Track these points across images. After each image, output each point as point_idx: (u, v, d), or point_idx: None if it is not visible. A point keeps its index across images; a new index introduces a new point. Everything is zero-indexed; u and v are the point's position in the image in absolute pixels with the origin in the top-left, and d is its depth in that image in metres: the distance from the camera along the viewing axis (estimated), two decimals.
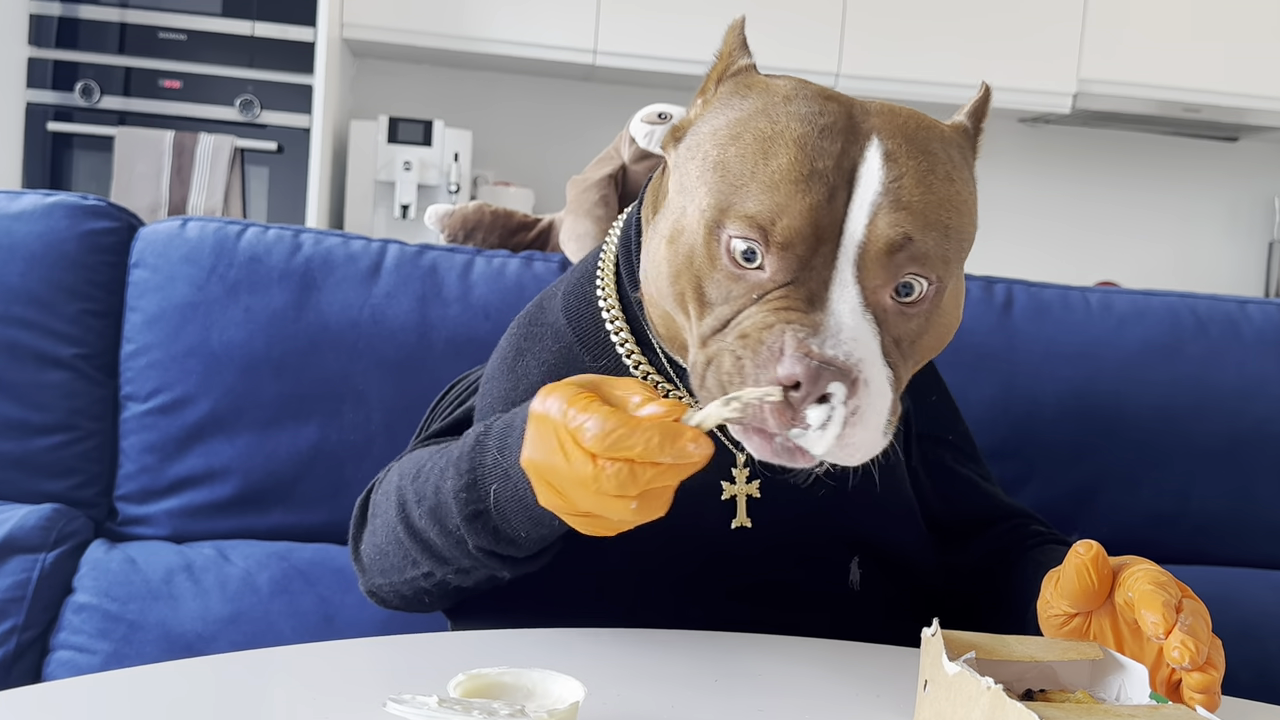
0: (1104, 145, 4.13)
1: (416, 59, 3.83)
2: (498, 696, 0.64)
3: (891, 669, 0.80)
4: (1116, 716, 0.59)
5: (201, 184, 3.25)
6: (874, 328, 0.74)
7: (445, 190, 3.51)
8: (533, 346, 0.94)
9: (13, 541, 1.25)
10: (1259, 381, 1.42)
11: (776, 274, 0.74)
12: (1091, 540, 0.75)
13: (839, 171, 0.75)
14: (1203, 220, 4.18)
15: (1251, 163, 4.18)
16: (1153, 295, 1.47)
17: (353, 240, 1.40)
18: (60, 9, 3.26)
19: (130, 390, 1.35)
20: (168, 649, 1.22)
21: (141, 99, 3.30)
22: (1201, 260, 4.17)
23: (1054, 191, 4.12)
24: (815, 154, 0.75)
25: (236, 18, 3.31)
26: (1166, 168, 4.16)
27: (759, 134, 0.77)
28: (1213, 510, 1.41)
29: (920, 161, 0.76)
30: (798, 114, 0.77)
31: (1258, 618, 1.31)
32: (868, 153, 0.76)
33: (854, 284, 0.74)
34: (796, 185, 0.74)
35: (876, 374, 0.73)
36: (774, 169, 0.75)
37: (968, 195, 0.80)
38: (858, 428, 0.72)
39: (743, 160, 0.76)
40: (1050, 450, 1.39)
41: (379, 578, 0.94)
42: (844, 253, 0.74)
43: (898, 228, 0.74)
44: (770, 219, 0.74)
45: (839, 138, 0.76)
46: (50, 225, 1.34)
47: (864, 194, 0.74)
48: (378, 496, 0.95)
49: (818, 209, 0.74)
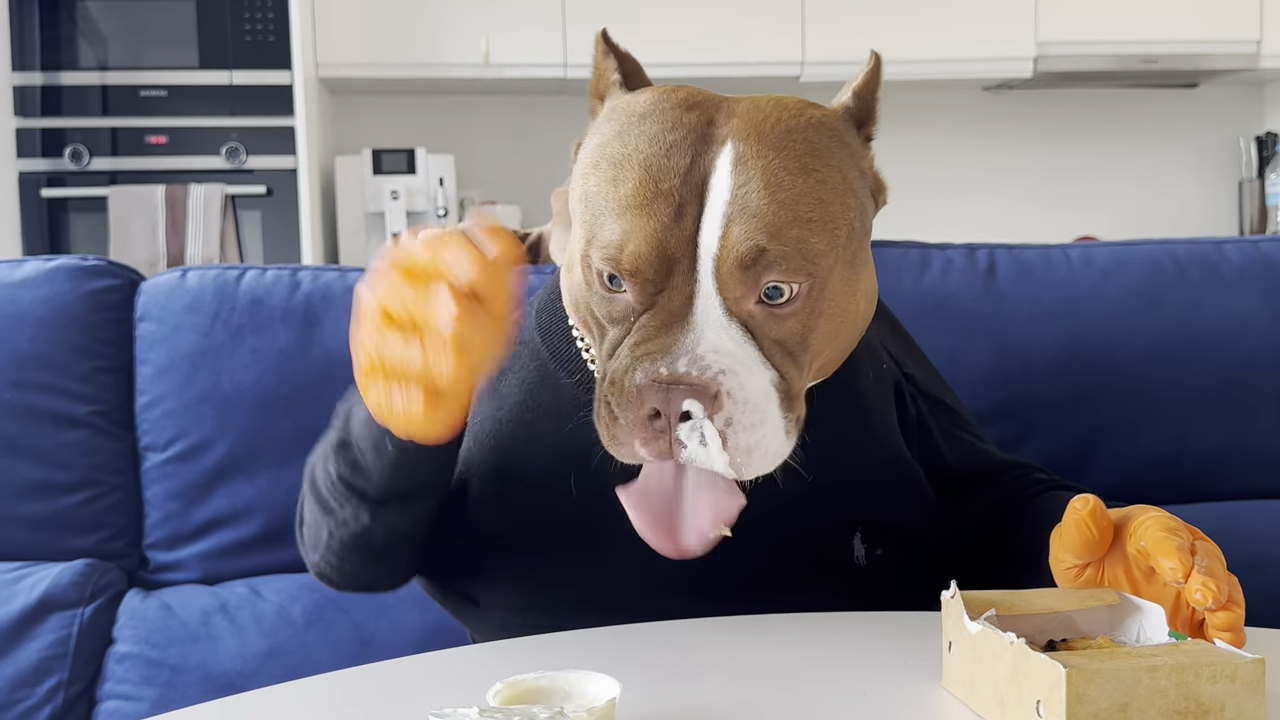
0: (1068, 104, 4.13)
1: (393, 91, 3.83)
2: (536, 701, 0.65)
3: (914, 634, 0.80)
4: (1139, 657, 0.59)
5: (196, 234, 3.25)
6: (743, 335, 0.74)
7: (434, 215, 3.51)
8: (512, 365, 0.94)
9: (50, 600, 1.25)
10: (1243, 319, 1.41)
11: (637, 298, 0.75)
12: (1088, 494, 0.75)
13: (688, 187, 0.74)
14: (1171, 167, 4.18)
15: (1213, 107, 4.18)
16: (1132, 245, 1.47)
17: (349, 273, 1.40)
18: (43, 78, 3.26)
19: (148, 441, 1.35)
20: (210, 689, 1.22)
21: (130, 157, 3.30)
22: (1174, 206, 4.17)
23: (1025, 155, 4.13)
24: (660, 174, 0.75)
25: (214, 69, 3.31)
26: (1131, 120, 4.16)
27: (612, 160, 0.77)
28: (1210, 449, 1.41)
29: (772, 160, 0.75)
30: (648, 134, 0.77)
31: (1266, 548, 1.31)
32: (718, 161, 0.75)
33: (715, 295, 0.74)
34: (641, 209, 0.74)
35: (747, 381, 0.73)
36: (622, 195, 0.75)
37: (833, 179, 0.77)
38: (742, 434, 0.72)
39: (600, 189, 0.77)
40: (1047, 407, 1.39)
41: (313, 553, 0.95)
42: (702, 266, 0.74)
43: (748, 240, 0.73)
44: (619, 247, 0.74)
45: (689, 151, 0.75)
46: (54, 289, 1.34)
47: (714, 206, 0.74)
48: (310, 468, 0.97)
49: (662, 231, 0.74)
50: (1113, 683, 0.57)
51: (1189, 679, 0.58)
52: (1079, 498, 0.74)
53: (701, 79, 3.62)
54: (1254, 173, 4.07)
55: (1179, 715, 0.58)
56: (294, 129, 3.35)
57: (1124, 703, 0.57)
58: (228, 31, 3.31)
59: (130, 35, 3.30)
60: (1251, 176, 4.07)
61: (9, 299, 1.33)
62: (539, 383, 0.92)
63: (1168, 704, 0.58)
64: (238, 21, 3.31)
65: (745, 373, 0.73)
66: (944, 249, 1.45)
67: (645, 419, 0.71)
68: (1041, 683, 0.59)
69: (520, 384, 0.93)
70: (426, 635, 1.25)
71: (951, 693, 0.69)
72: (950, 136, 4.09)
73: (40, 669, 1.21)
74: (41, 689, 1.21)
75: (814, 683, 0.72)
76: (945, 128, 4.08)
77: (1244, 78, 4.02)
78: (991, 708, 0.64)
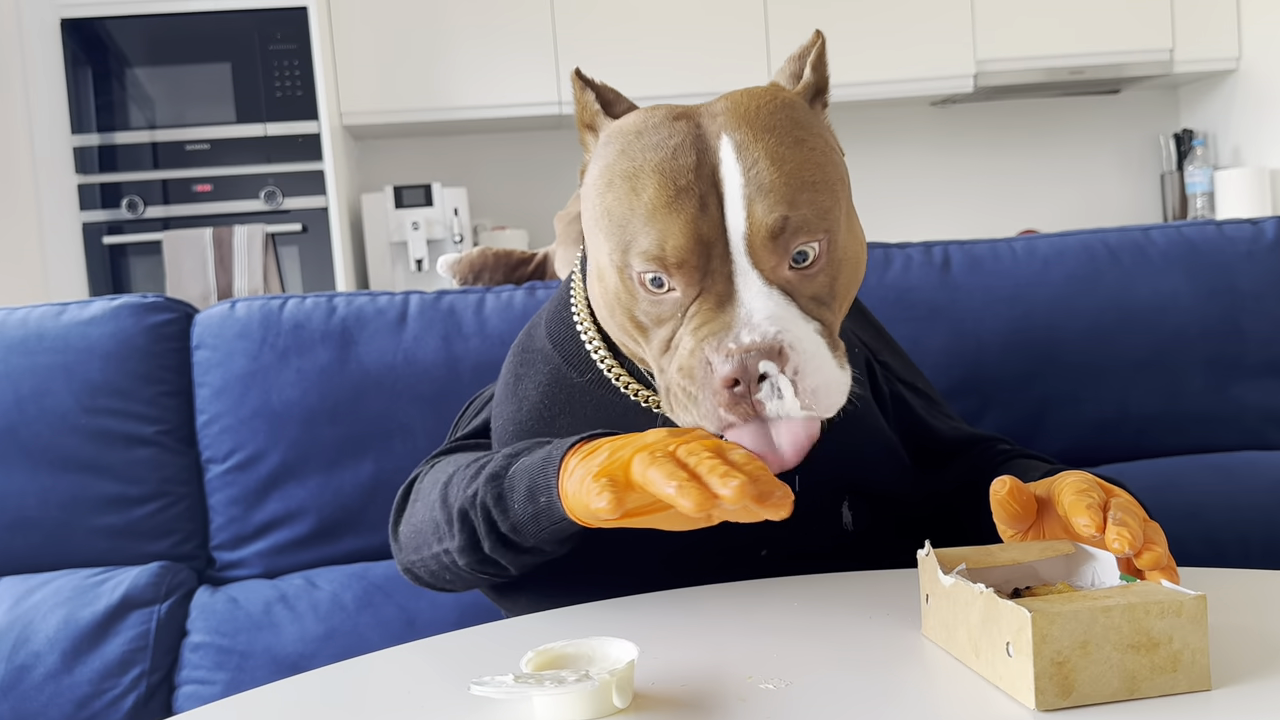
0: (1007, 114, 4.13)
1: (409, 134, 3.83)
2: (564, 666, 0.65)
3: (895, 590, 0.80)
4: (1095, 599, 0.59)
5: (242, 269, 3.25)
6: (785, 298, 0.74)
7: (451, 241, 3.51)
8: (528, 371, 0.94)
9: (130, 600, 1.25)
10: (1171, 295, 1.42)
11: (685, 289, 0.75)
12: (1005, 476, 0.74)
13: (702, 181, 0.74)
14: (1101, 164, 4.18)
15: (1135, 110, 4.18)
16: (1069, 235, 1.47)
17: (379, 296, 1.40)
18: (99, 139, 3.26)
19: (209, 454, 1.35)
20: (276, 671, 1.22)
21: (180, 204, 3.30)
22: (1105, 199, 4.17)
23: (970, 160, 4.13)
24: (675, 174, 0.75)
25: (250, 122, 3.31)
26: (1063, 124, 4.16)
27: (625, 174, 0.76)
28: (1148, 411, 1.41)
29: (768, 140, 0.75)
30: (650, 144, 0.76)
31: (1201, 497, 1.31)
32: (721, 153, 0.75)
33: (752, 270, 0.74)
34: (669, 208, 0.74)
35: (801, 333, 0.73)
36: (646, 201, 0.75)
37: (819, 144, 0.78)
38: (809, 378, 0.72)
39: (620, 203, 0.76)
40: (1000, 382, 1.39)
41: (411, 554, 0.93)
42: (735, 248, 0.74)
43: (772, 212, 0.73)
44: (660, 247, 0.74)
45: (692, 150, 0.75)
46: (119, 325, 1.34)
47: (731, 192, 0.74)
48: (423, 484, 0.94)
49: (694, 221, 0.73)
50: (1072, 623, 0.57)
51: (1140, 616, 0.58)
52: (997, 480, 0.74)
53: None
54: (1174, 166, 4.07)
55: (1132, 649, 0.58)
56: (323, 172, 3.35)
57: (1083, 640, 0.58)
58: (260, 89, 3.31)
59: (174, 97, 3.30)
60: (1172, 169, 4.07)
61: (80, 335, 1.33)
62: (553, 384, 0.92)
63: (1122, 639, 0.58)
64: (269, 79, 3.31)
65: (796, 328, 0.73)
66: (904, 247, 1.45)
67: (726, 390, 0.72)
68: (1010, 626, 0.59)
69: (537, 387, 0.93)
70: (464, 614, 1.25)
71: (931, 639, 0.69)
72: (904, 147, 4.09)
73: (124, 661, 1.22)
74: (126, 679, 1.21)
75: (811, 637, 0.72)
76: (899, 140, 4.08)
77: (1160, 82, 4.02)
78: (967, 651, 0.64)
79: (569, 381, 0.91)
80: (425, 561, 0.91)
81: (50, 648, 1.20)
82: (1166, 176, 4.07)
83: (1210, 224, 1.47)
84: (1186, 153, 4.01)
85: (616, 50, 3.55)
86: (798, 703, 0.61)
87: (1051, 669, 0.57)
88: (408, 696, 0.66)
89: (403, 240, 3.49)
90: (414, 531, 0.92)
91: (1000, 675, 0.60)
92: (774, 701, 0.61)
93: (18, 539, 1.31)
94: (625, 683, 0.62)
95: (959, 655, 0.65)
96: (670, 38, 3.57)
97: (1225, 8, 3.76)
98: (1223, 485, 1.33)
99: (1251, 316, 1.41)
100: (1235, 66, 3.80)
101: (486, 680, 0.60)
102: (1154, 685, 0.58)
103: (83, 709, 1.18)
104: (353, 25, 3.48)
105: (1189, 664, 0.59)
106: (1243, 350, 1.41)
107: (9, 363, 1.32)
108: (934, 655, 0.67)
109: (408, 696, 0.66)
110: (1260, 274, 1.42)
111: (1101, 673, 0.58)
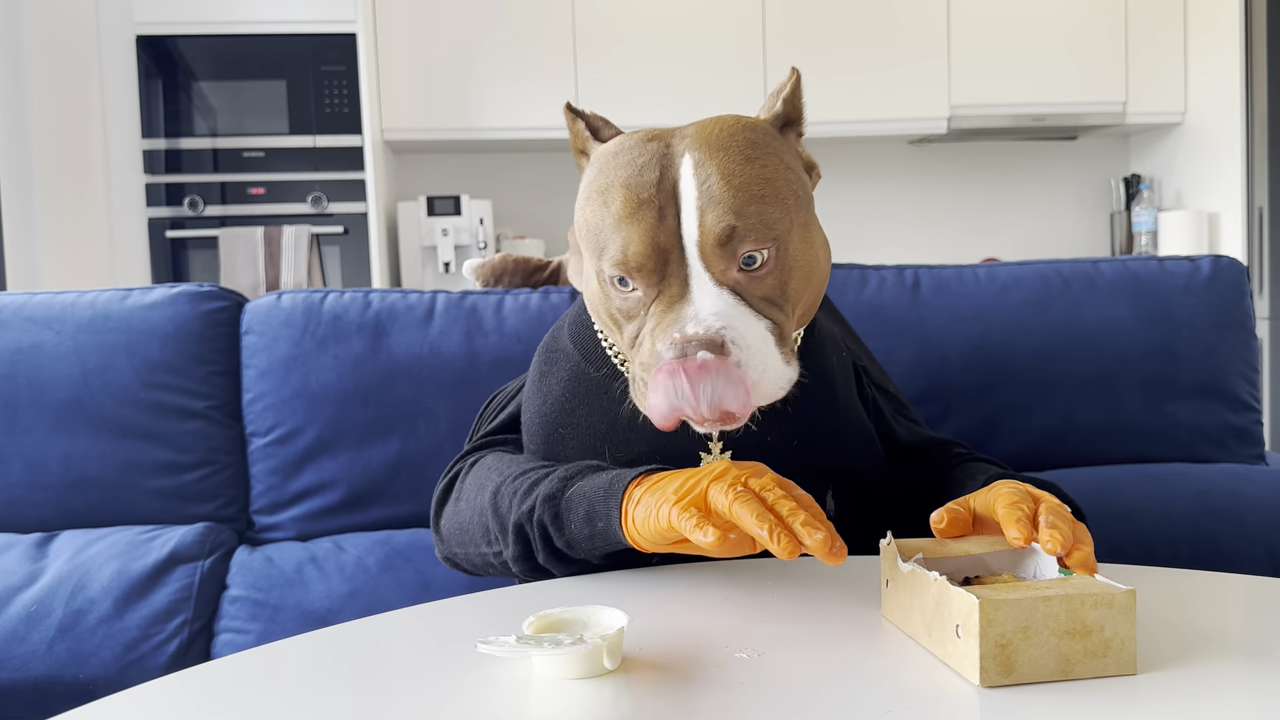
0: (976, 154, 4.13)
1: (443, 149, 3.83)
2: (561, 630, 0.65)
3: (858, 575, 0.80)
4: (1036, 589, 0.59)
5: (289, 265, 3.25)
6: (734, 298, 0.74)
7: (476, 247, 3.51)
8: (551, 369, 0.94)
9: (177, 555, 1.25)
10: (1115, 321, 1.42)
11: (646, 290, 0.75)
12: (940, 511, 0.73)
13: (662, 194, 0.75)
14: (1058, 202, 4.18)
15: (1089, 155, 4.18)
16: (1026, 264, 1.47)
17: (410, 294, 1.40)
18: (166, 144, 3.26)
19: (253, 429, 1.35)
20: (304, 623, 1.22)
21: (235, 205, 3.30)
22: (1060, 232, 4.17)
23: (941, 194, 4.12)
24: (639, 189, 0.75)
25: (301, 134, 3.31)
26: (1026, 165, 4.15)
27: (599, 190, 0.77)
28: (1091, 424, 1.41)
29: (723, 158, 0.75)
30: (622, 163, 0.77)
31: (1136, 501, 1.31)
32: (681, 170, 0.75)
33: (705, 273, 0.74)
34: (631, 219, 0.75)
35: (745, 330, 0.73)
36: (614, 213, 0.76)
37: (773, 162, 0.77)
38: (749, 371, 0.72)
39: (595, 214, 0.77)
40: (960, 392, 1.39)
41: (456, 548, 0.93)
42: (689, 253, 0.74)
43: (720, 222, 0.73)
44: (623, 252, 0.75)
45: (656, 167, 0.76)
46: (177, 310, 1.34)
47: (687, 202, 0.74)
48: (466, 484, 0.93)
49: (653, 230, 0.74)
50: (1015, 610, 0.57)
51: (1076, 606, 0.58)
52: (934, 515, 0.73)
53: None
54: (1122, 206, 4.07)
55: (1068, 635, 0.58)
56: (365, 181, 3.34)
57: (1025, 625, 0.57)
58: (311, 105, 3.31)
59: (234, 109, 3.29)
60: (1120, 209, 4.07)
61: (142, 318, 1.33)
62: (574, 379, 0.92)
63: (1059, 625, 0.58)
64: (319, 97, 3.31)
65: (742, 324, 0.73)
66: (878, 269, 1.45)
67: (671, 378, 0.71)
68: (959, 610, 0.59)
69: (559, 382, 0.93)
70: (475, 580, 1.25)
71: (889, 620, 0.69)
72: (882, 181, 4.09)
73: (170, 610, 1.22)
74: (170, 625, 1.21)
75: (783, 613, 0.72)
76: (878, 174, 4.08)
77: (1113, 131, 4.02)
78: (920, 631, 0.64)
79: (587, 376, 0.91)
80: (470, 557, 0.91)
81: (104, 595, 1.20)
82: (1116, 215, 4.07)
83: (1153, 259, 1.46)
84: (1134, 195, 4.01)
85: (629, 82, 3.55)
86: (769, 671, 0.61)
87: (995, 650, 0.57)
88: (420, 652, 0.66)
89: (433, 245, 3.49)
90: (459, 529, 0.91)
91: (949, 654, 0.60)
92: (748, 669, 0.61)
93: (79, 497, 1.31)
94: (615, 647, 0.62)
95: (913, 634, 0.65)
96: (677, 74, 3.57)
97: (1174, 66, 3.76)
98: (1155, 492, 1.33)
99: (1186, 343, 1.41)
100: (1181, 120, 3.80)
101: (492, 640, 0.60)
102: (1086, 668, 0.58)
103: (131, 651, 1.17)
104: (396, 51, 3.48)
105: (1118, 650, 0.59)
106: (1177, 373, 1.41)
107: (78, 340, 1.32)
108: (892, 635, 0.67)
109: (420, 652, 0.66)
110: (1195, 306, 1.42)
111: (1039, 655, 0.58)
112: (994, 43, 3.70)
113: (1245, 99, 3.49)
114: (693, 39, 3.57)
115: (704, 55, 3.58)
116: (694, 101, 3.58)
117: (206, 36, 3.25)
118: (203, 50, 3.26)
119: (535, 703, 0.58)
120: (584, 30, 3.54)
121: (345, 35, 3.31)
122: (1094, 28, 3.72)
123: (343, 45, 3.31)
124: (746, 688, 0.59)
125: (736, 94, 3.60)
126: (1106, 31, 3.73)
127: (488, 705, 0.57)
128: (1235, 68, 3.52)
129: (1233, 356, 1.42)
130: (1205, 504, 1.30)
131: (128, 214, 3.25)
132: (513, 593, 0.79)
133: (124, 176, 3.24)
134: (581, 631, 0.63)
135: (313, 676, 0.62)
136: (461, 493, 0.93)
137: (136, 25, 3.23)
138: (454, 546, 0.93)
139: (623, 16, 3.55)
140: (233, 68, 3.27)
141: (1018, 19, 3.70)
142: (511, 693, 0.59)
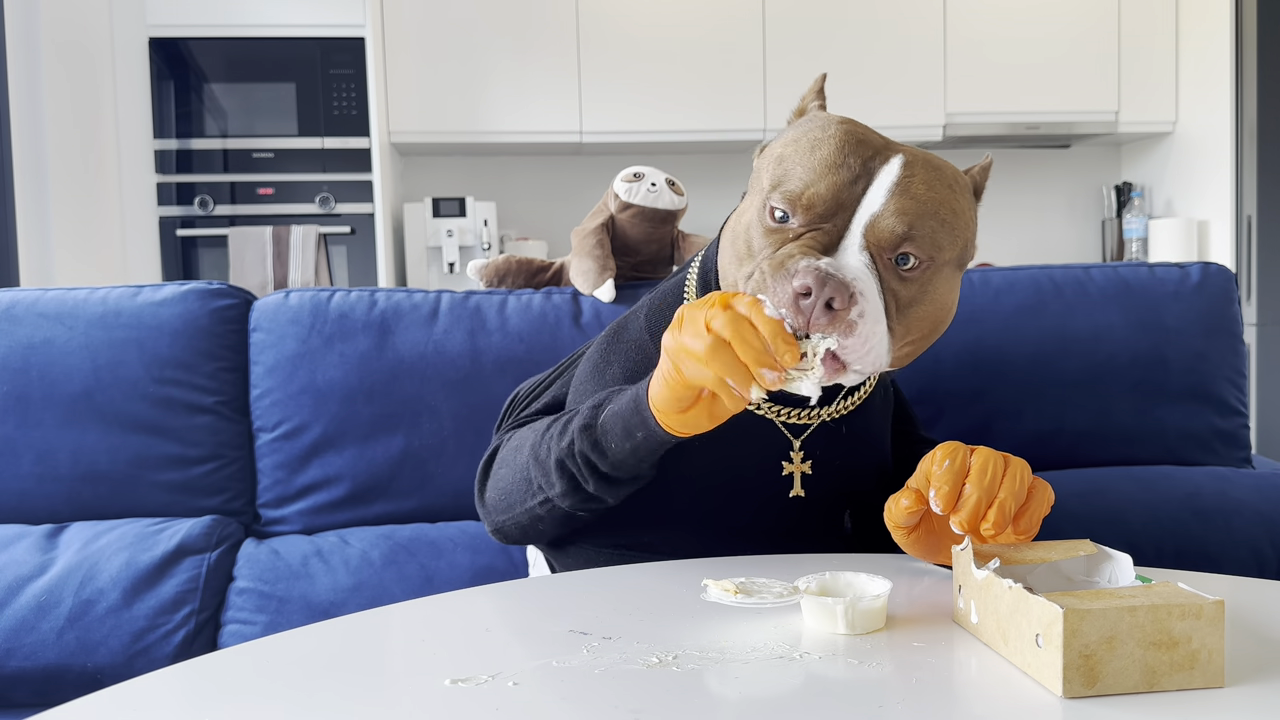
0: (971, 161, 4.13)
1: (448, 152, 3.83)
2: (829, 594, 0.68)
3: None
4: (1121, 598, 0.57)
5: (297, 264, 3.25)
6: (873, 273, 0.74)
7: (480, 248, 3.51)
8: (617, 358, 0.93)
9: (184, 547, 1.25)
10: (1105, 327, 1.42)
11: (801, 226, 0.75)
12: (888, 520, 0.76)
13: (865, 168, 0.75)
14: (1050, 209, 4.18)
15: (1082, 163, 4.18)
16: (1019, 270, 1.47)
17: (415, 293, 1.40)
18: (177, 144, 3.26)
19: (260, 424, 1.35)
20: (309, 615, 1.22)
21: (245, 205, 3.30)
22: (1052, 239, 4.17)
23: None
24: (849, 151, 0.76)
25: (309, 136, 3.31)
26: (1019, 173, 4.16)
27: (812, 138, 0.78)
28: (1081, 427, 1.41)
29: (930, 173, 0.77)
30: (843, 130, 0.78)
31: (1123, 503, 1.31)
32: (892, 161, 0.76)
33: (861, 240, 0.74)
34: (828, 168, 0.75)
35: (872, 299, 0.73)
36: (816, 159, 0.76)
37: (964, 208, 0.79)
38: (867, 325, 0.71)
39: (796, 154, 0.77)
40: (954, 394, 1.39)
41: (501, 515, 0.91)
42: (857, 220, 0.74)
43: (903, 213, 0.74)
44: (802, 190, 0.75)
45: (870, 149, 0.77)
46: (187, 307, 1.34)
47: (881, 183, 0.75)
48: (504, 453, 0.92)
49: (840, 186, 0.74)
50: (1100, 620, 0.55)
51: (1162, 616, 0.56)
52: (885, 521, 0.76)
53: (682, 143, 3.62)
54: (1114, 214, 4.07)
55: (1154, 646, 0.56)
56: (372, 182, 3.34)
57: (1109, 635, 0.55)
58: (320, 107, 3.31)
59: (245, 111, 3.29)
60: (1112, 216, 4.07)
61: (152, 314, 1.33)
62: (640, 365, 0.90)
63: (1145, 637, 0.56)
64: (327, 99, 3.31)
65: (871, 291, 0.73)
66: None
67: (796, 294, 0.70)
68: (1041, 619, 0.57)
69: (623, 370, 0.91)
70: (476, 574, 1.25)
71: (960, 626, 0.67)
72: None
73: (177, 600, 1.22)
74: (178, 616, 1.21)
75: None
76: None
77: (1105, 140, 4.02)
78: (995, 639, 0.62)
79: (654, 363, 0.89)
80: (516, 518, 0.90)
81: (113, 585, 1.20)
82: (1107, 223, 4.07)
83: (1143, 266, 1.46)
84: (1125, 203, 4.01)
85: (630, 89, 3.55)
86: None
87: (1079, 660, 0.55)
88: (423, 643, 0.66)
89: (438, 245, 3.49)
90: (502, 494, 0.91)
91: (1029, 663, 0.58)
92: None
93: (89, 489, 1.31)
94: (878, 613, 0.66)
95: (988, 641, 0.63)
96: (679, 80, 3.57)
97: (1165, 77, 3.76)
98: (1143, 494, 1.33)
99: (1175, 349, 1.41)
100: (1172, 129, 3.80)
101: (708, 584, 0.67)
102: (1172, 680, 0.56)
103: (138, 640, 1.17)
104: (403, 55, 3.48)
105: (1206, 662, 0.56)
106: (1166, 378, 1.41)
107: (89, 335, 1.32)
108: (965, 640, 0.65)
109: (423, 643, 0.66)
110: (1184, 312, 1.42)
111: (1124, 666, 0.56)
112: (989, 53, 3.70)
113: (1235, 110, 3.50)
114: (694, 45, 3.57)
115: (705, 61, 3.58)
116: (695, 107, 3.58)
117: (218, 39, 3.25)
118: (214, 53, 3.26)
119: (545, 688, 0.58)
120: (588, 36, 3.54)
121: (354, 39, 3.31)
122: (1087, 39, 3.73)
123: (351, 49, 3.31)
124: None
125: (737, 101, 3.60)
126: (1099, 42, 3.73)
127: (488, 700, 0.57)
128: (1225, 79, 3.52)
129: (1221, 362, 1.42)
130: (1193, 506, 1.30)
131: (139, 213, 3.25)
132: (508, 586, 0.79)
133: (136, 176, 3.24)
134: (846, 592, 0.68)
135: (317, 667, 0.62)
136: (501, 462, 0.92)
137: (149, 28, 3.23)
138: (498, 515, 0.92)
139: (626, 24, 3.55)
140: (243, 70, 3.27)
141: (1013, 30, 3.70)
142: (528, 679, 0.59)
